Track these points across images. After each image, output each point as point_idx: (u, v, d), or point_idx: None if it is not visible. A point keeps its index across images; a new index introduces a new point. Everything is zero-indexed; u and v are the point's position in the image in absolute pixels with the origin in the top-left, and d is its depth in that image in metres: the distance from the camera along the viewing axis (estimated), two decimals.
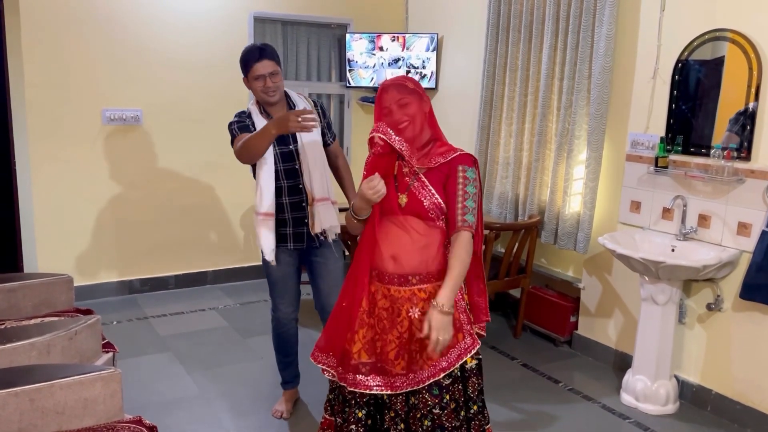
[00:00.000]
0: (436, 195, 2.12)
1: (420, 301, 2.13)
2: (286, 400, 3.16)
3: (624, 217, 3.61)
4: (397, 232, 2.14)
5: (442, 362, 2.11)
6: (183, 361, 3.69)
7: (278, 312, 3.04)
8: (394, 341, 2.14)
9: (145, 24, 4.48)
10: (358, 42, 5.10)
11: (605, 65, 3.55)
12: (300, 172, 2.82)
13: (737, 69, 3.02)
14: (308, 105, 2.92)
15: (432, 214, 2.12)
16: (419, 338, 2.08)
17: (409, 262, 2.13)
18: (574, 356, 3.92)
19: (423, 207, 2.11)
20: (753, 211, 2.99)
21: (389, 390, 2.14)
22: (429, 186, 2.13)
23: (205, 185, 4.86)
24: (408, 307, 2.13)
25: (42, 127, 4.26)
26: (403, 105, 2.11)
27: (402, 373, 2.14)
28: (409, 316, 2.13)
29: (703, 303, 3.23)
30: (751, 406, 3.08)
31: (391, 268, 2.14)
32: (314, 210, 2.83)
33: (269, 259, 2.83)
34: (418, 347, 2.12)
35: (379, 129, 2.09)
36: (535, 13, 4.03)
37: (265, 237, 2.80)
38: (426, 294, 2.13)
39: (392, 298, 2.15)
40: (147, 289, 4.79)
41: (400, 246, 2.14)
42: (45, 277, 2.90)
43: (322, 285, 2.96)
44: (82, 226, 4.48)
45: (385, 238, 2.15)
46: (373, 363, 2.17)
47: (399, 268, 2.13)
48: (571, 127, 3.80)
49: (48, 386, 1.97)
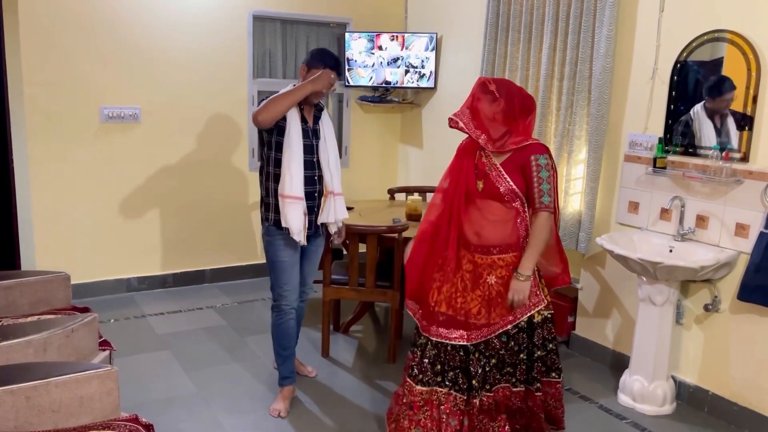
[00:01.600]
0: (510, 182, 2.63)
1: (498, 268, 2.68)
2: (284, 398, 3.17)
3: (622, 218, 3.61)
4: (477, 214, 2.68)
5: (509, 317, 2.68)
6: (180, 359, 3.69)
7: (283, 300, 3.10)
8: (477, 299, 2.70)
9: (144, 22, 4.47)
10: (357, 41, 5.09)
11: (606, 66, 3.55)
12: (319, 165, 3.09)
13: (736, 70, 3.02)
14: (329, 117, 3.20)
15: (507, 198, 2.64)
16: (495, 298, 2.67)
17: (488, 238, 2.67)
18: (571, 356, 3.92)
19: (499, 192, 2.64)
20: (751, 213, 3.00)
21: (465, 341, 2.69)
22: (504, 174, 2.64)
23: (203, 183, 4.86)
24: (487, 273, 2.68)
25: (40, 125, 4.25)
26: (478, 99, 2.64)
27: (481, 324, 2.68)
28: (487, 282, 2.68)
29: (700, 304, 3.24)
30: (747, 407, 3.08)
31: (475, 240, 2.69)
32: (330, 202, 3.12)
33: (298, 239, 2.97)
34: (494, 305, 2.68)
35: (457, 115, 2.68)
36: (534, 14, 4.03)
37: (295, 218, 2.94)
38: (504, 262, 2.68)
39: (475, 264, 2.70)
40: (145, 287, 4.79)
41: (480, 225, 2.68)
42: (42, 275, 2.90)
43: (307, 266, 3.24)
44: (80, 224, 4.48)
45: (468, 219, 2.70)
46: (452, 316, 2.71)
47: (482, 240, 2.68)
48: (571, 127, 3.80)
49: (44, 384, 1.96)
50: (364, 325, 4.33)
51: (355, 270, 3.58)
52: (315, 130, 3.08)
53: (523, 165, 2.63)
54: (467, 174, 2.70)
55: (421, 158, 5.41)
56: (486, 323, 2.69)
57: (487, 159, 2.68)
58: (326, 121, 3.15)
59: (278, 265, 3.08)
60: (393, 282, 3.61)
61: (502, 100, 2.61)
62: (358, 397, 3.31)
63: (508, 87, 2.66)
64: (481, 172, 2.68)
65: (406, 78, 5.11)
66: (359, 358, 3.79)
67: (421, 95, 5.35)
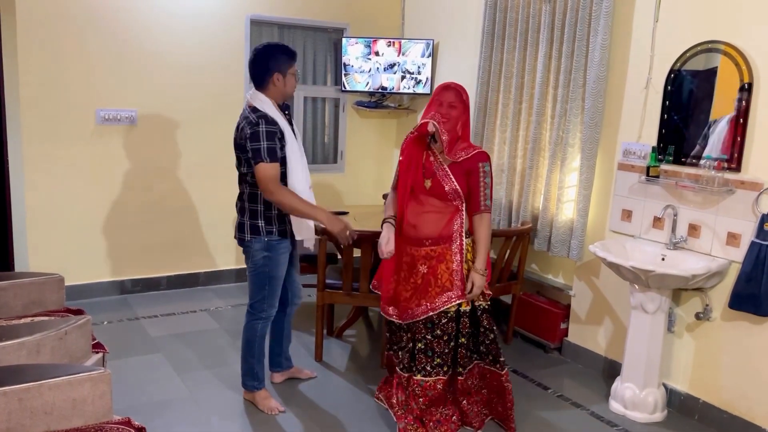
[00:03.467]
0: (455, 183, 2.81)
1: (430, 259, 2.87)
2: (267, 396, 3.21)
3: (615, 226, 3.63)
4: (418, 208, 2.87)
5: (437, 302, 2.86)
6: (173, 362, 3.68)
7: (271, 309, 3.11)
8: (410, 287, 2.92)
9: (142, 25, 4.48)
10: (354, 47, 5.11)
11: (600, 74, 3.57)
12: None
13: (729, 81, 3.05)
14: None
15: (450, 196, 2.82)
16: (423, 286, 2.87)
17: (423, 230, 2.86)
18: (563, 363, 3.93)
19: (444, 190, 2.82)
20: (743, 222, 3.02)
21: (399, 319, 2.98)
22: (450, 175, 2.82)
23: (198, 187, 4.86)
24: (419, 264, 2.88)
25: (36, 127, 4.25)
26: (451, 106, 2.81)
27: (410, 308, 2.91)
28: (419, 271, 2.89)
29: (692, 312, 3.26)
30: (738, 416, 3.10)
31: (411, 233, 2.89)
32: None
33: (308, 245, 3.09)
34: (422, 293, 2.88)
35: (434, 117, 2.77)
36: (530, 22, 4.06)
37: (308, 227, 3.04)
38: (435, 253, 2.86)
39: (411, 255, 2.91)
40: (138, 289, 4.78)
41: (419, 219, 2.87)
42: (36, 277, 2.89)
43: (294, 275, 3.31)
44: (75, 226, 4.47)
45: (409, 212, 2.89)
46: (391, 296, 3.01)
47: (417, 233, 2.87)
48: (565, 135, 3.82)
49: (37, 386, 1.96)
50: (357, 329, 4.34)
51: (349, 275, 3.59)
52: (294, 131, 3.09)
53: (469, 170, 2.83)
54: (415, 171, 2.87)
55: None
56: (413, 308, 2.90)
57: (434, 158, 2.86)
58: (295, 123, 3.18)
59: (275, 281, 3.04)
60: None
61: (468, 110, 2.89)
62: (351, 401, 3.32)
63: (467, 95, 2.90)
64: (429, 171, 2.85)
65: (402, 84, 5.13)
66: (352, 363, 3.80)
67: (417, 101, 5.37)
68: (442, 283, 2.85)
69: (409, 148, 2.92)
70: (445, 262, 2.85)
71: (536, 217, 4.07)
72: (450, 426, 2.92)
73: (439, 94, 2.84)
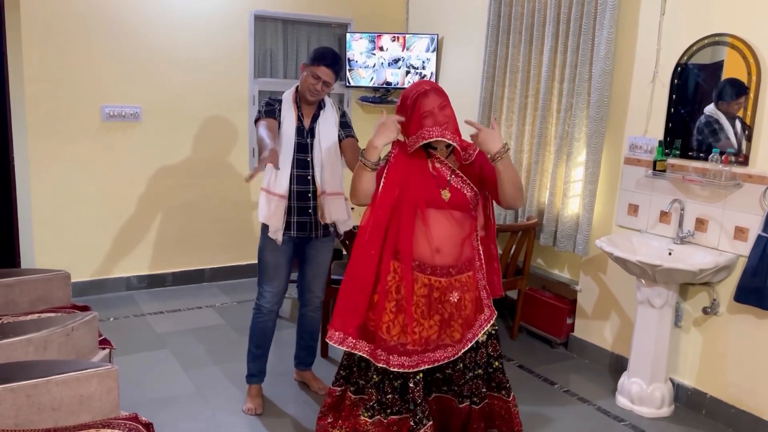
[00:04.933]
0: (474, 187, 2.45)
1: (455, 290, 2.46)
2: (254, 395, 3.19)
3: (621, 220, 3.62)
4: (442, 225, 2.42)
5: (468, 334, 2.50)
6: (179, 358, 3.69)
7: (262, 299, 3.09)
8: (435, 325, 2.46)
9: (146, 21, 4.48)
10: (359, 42, 5.10)
11: (605, 68, 3.56)
12: (312, 165, 2.99)
13: (736, 74, 3.03)
14: (334, 109, 3.10)
15: (472, 205, 2.46)
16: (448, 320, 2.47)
17: (450, 254, 2.44)
18: (570, 358, 3.92)
19: (466, 199, 2.44)
20: (750, 216, 3.00)
21: (411, 368, 2.44)
22: (467, 179, 2.45)
23: (203, 183, 4.86)
24: (448, 295, 2.45)
25: (41, 123, 4.25)
26: (442, 107, 2.38)
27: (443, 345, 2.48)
28: (449, 300, 2.46)
29: (699, 307, 3.24)
30: (745, 410, 3.09)
31: (436, 260, 2.43)
32: (323, 202, 3.00)
33: (274, 237, 2.93)
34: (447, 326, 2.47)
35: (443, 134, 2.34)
36: (535, 16, 4.04)
37: (274, 215, 2.92)
38: (460, 283, 2.48)
39: (431, 287, 2.45)
40: (144, 286, 4.79)
41: (444, 239, 2.42)
42: (42, 273, 2.90)
43: (309, 271, 3.18)
44: (80, 223, 4.48)
45: (430, 231, 2.41)
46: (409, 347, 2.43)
47: (442, 259, 2.43)
48: (570, 129, 3.80)
49: (44, 382, 1.96)
50: None
51: None
52: (311, 128, 3.01)
53: (481, 164, 2.48)
54: (425, 184, 2.42)
55: None
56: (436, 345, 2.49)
57: (442, 165, 2.46)
58: (325, 120, 3.03)
59: (262, 264, 3.07)
60: None
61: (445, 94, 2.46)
62: None
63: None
64: (441, 180, 2.43)
65: (406, 79, 5.12)
66: None
67: None
68: (467, 314, 2.51)
69: (405, 156, 2.47)
70: (470, 291, 2.52)
71: (542, 212, 4.06)
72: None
73: (420, 104, 2.36)
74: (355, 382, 2.63)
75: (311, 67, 2.92)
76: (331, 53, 2.96)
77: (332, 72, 2.92)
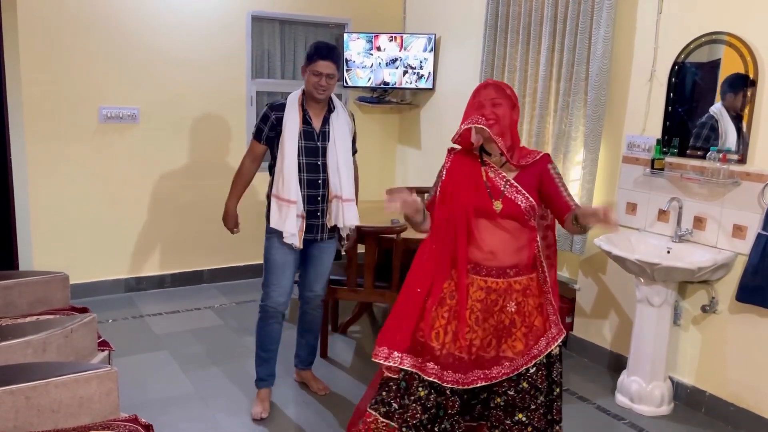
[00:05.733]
0: (530, 197, 2.26)
1: (514, 293, 2.28)
2: (262, 399, 3.16)
3: (620, 219, 3.62)
4: (494, 233, 2.28)
5: (533, 350, 2.26)
6: (179, 359, 3.69)
7: (269, 300, 3.08)
8: (490, 330, 2.27)
9: (143, 22, 4.47)
10: (356, 42, 5.10)
11: (603, 67, 3.56)
12: (324, 168, 3.00)
13: (735, 71, 3.03)
14: (346, 113, 3.10)
15: (527, 216, 2.28)
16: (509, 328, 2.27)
17: (505, 258, 2.27)
18: (569, 357, 3.92)
19: (520, 209, 2.26)
20: (748, 214, 3.01)
21: (486, 381, 2.25)
22: (522, 189, 2.27)
23: (201, 184, 4.86)
24: (503, 300, 2.27)
25: (39, 125, 4.25)
26: (495, 104, 2.22)
27: (498, 358, 2.26)
28: (506, 309, 2.27)
29: (698, 305, 3.25)
30: (745, 408, 3.09)
31: (489, 262, 2.28)
32: (336, 207, 3.03)
33: (290, 242, 2.95)
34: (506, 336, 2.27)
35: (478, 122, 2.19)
36: (533, 15, 4.04)
37: (289, 221, 2.92)
38: (520, 286, 2.29)
39: (488, 290, 2.27)
40: (143, 287, 4.78)
41: (496, 245, 2.27)
42: (41, 275, 2.89)
43: (311, 271, 3.18)
44: (78, 224, 4.47)
45: (478, 241, 2.28)
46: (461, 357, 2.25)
47: (497, 261, 2.27)
48: (568, 128, 3.81)
49: (44, 384, 1.96)
50: (362, 325, 4.33)
51: (354, 270, 3.58)
52: (323, 132, 3.00)
53: (540, 177, 2.30)
54: (477, 192, 2.29)
55: (420, 159, 5.41)
56: (496, 356, 2.27)
57: (495, 174, 2.30)
58: (338, 122, 3.03)
59: (269, 264, 3.07)
60: (391, 283, 3.61)
61: (517, 107, 2.30)
62: (356, 397, 3.31)
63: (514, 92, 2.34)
64: (495, 190, 2.28)
65: (404, 79, 5.12)
66: (357, 359, 3.80)
67: (419, 96, 5.35)
68: (531, 322, 2.29)
69: (459, 166, 2.34)
70: (533, 296, 2.31)
71: None
72: None
73: (476, 94, 2.28)
74: (388, 403, 2.31)
75: (310, 66, 2.91)
76: (323, 45, 2.96)
77: (331, 62, 2.90)
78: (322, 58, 2.88)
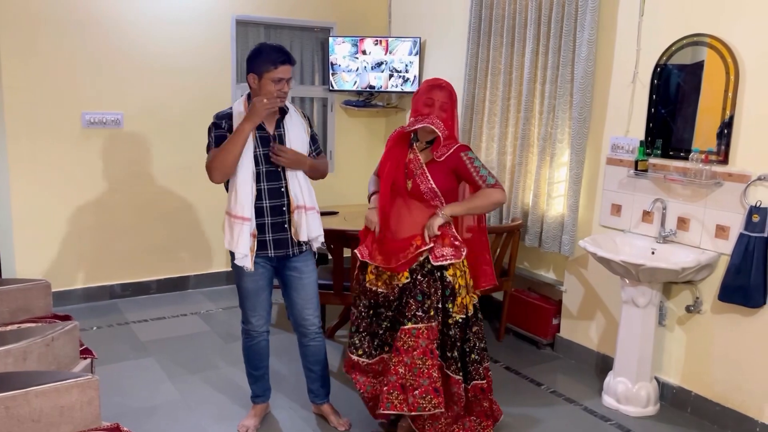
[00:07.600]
0: (431, 182, 2.69)
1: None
2: (255, 414, 3.06)
3: (604, 221, 3.64)
4: (402, 209, 2.77)
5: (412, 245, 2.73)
6: (164, 366, 3.66)
7: (249, 325, 2.93)
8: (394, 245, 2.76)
9: (127, 27, 4.44)
10: (341, 46, 5.10)
11: (587, 69, 3.58)
12: (284, 176, 2.76)
13: (715, 74, 3.06)
14: (299, 115, 2.88)
15: (427, 197, 2.71)
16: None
17: (407, 232, 2.74)
18: (556, 359, 3.93)
19: (420, 191, 2.71)
20: (731, 214, 3.03)
21: (383, 264, 2.79)
22: (428, 174, 2.70)
23: (186, 189, 4.83)
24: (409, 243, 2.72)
25: (21, 130, 4.21)
26: (443, 109, 2.69)
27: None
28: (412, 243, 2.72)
29: (682, 305, 3.26)
30: (730, 408, 3.11)
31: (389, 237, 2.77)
32: (300, 218, 2.77)
33: (241, 264, 2.71)
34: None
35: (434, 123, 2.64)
36: (517, 18, 4.06)
37: (241, 242, 2.67)
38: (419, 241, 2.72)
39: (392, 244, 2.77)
40: (128, 294, 4.75)
41: (400, 223, 2.76)
42: (22, 283, 2.86)
43: (297, 299, 2.92)
44: (62, 231, 4.43)
45: (392, 213, 2.78)
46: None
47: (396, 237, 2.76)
48: (553, 130, 3.82)
49: (23, 393, 1.94)
50: (348, 330, 4.31)
51: (340, 275, 3.57)
52: (278, 134, 2.76)
53: (455, 166, 2.72)
54: (396, 171, 2.76)
55: None
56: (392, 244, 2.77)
57: (414, 156, 2.75)
58: (292, 124, 2.80)
59: (241, 291, 2.87)
60: None
61: (456, 108, 2.76)
62: (342, 402, 3.30)
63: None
64: (410, 171, 2.74)
65: (390, 82, 5.12)
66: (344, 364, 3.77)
67: (405, 99, 5.36)
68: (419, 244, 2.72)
69: (393, 145, 2.84)
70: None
71: (526, 213, 4.07)
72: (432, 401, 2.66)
73: (429, 92, 2.69)
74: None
75: (267, 74, 2.64)
76: (279, 48, 2.70)
77: (291, 66, 2.69)
78: (282, 63, 2.65)
